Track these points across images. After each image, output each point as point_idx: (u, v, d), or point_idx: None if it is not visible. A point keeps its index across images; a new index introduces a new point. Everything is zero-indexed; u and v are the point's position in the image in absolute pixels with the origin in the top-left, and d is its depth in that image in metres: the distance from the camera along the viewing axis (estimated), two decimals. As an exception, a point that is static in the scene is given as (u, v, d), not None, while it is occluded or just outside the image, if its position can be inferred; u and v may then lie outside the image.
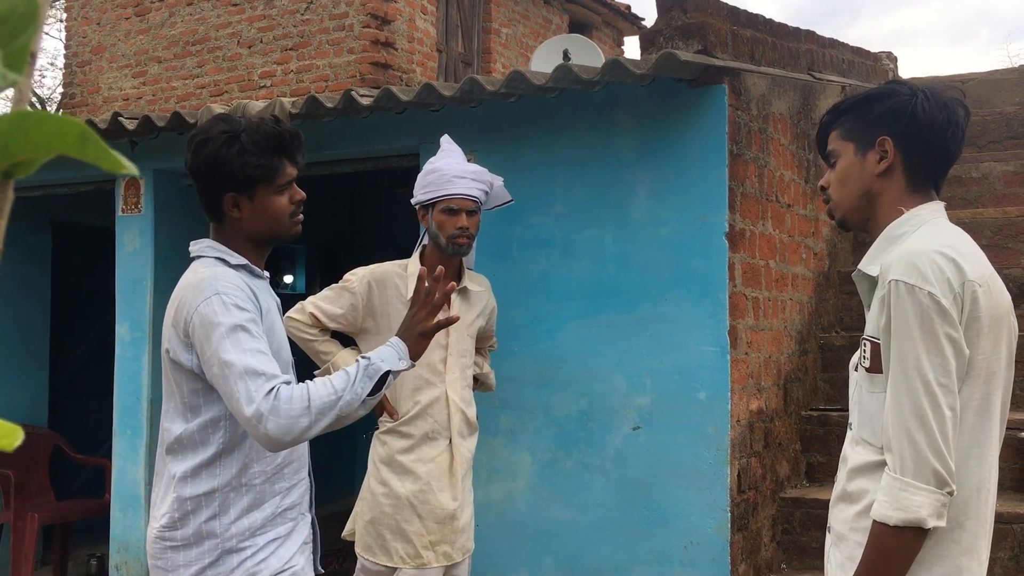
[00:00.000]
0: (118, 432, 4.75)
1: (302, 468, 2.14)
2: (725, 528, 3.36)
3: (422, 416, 3.03)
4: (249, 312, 1.95)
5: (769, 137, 3.92)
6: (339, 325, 3.08)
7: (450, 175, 3.04)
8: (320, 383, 1.91)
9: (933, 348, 1.60)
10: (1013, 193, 5.32)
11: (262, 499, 2.03)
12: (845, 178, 1.82)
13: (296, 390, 1.89)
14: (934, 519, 1.58)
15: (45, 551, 5.72)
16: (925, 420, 1.59)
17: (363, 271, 3.10)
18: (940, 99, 1.75)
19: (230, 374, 1.87)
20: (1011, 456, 3.86)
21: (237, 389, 1.86)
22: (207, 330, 1.91)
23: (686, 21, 3.50)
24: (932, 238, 1.69)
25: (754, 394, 3.69)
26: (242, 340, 1.90)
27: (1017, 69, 6.69)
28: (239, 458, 2.01)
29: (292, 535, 2.08)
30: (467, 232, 3.03)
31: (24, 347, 5.86)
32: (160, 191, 4.79)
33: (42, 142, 0.46)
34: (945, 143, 1.76)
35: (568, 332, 3.66)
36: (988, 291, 1.66)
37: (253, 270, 2.09)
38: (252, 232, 2.08)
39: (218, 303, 1.93)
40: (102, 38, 8.65)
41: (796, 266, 4.27)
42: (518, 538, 3.73)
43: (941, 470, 1.58)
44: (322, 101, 3.84)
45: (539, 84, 3.41)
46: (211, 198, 2.06)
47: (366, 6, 7.25)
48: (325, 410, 1.88)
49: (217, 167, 2.01)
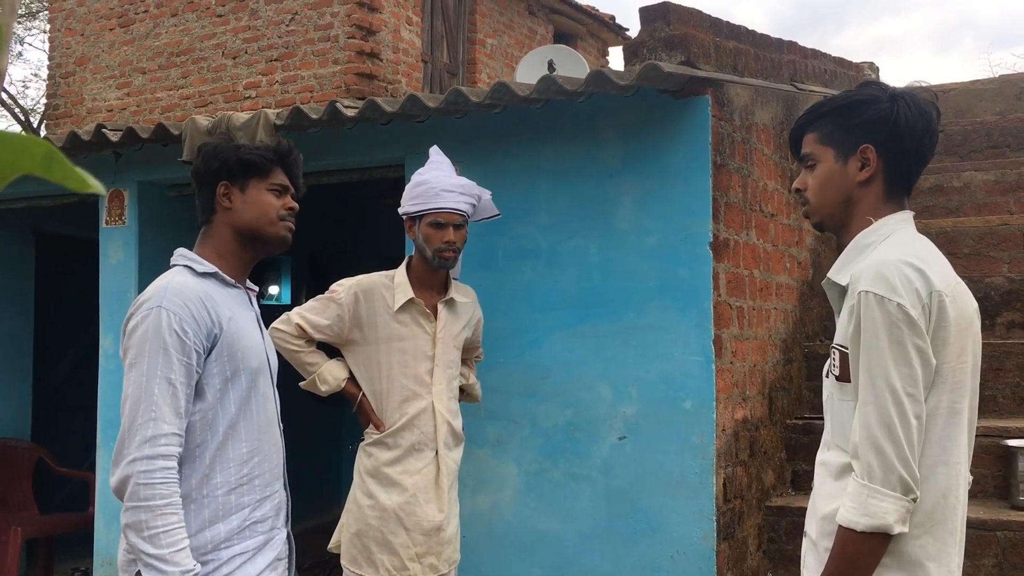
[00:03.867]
0: (102, 445, 4.72)
1: (275, 481, 2.10)
2: (711, 537, 3.37)
3: (408, 427, 3.02)
4: (181, 338, 1.94)
5: (752, 147, 3.94)
6: (325, 336, 3.08)
7: (438, 188, 3.04)
8: (167, 521, 1.87)
9: (901, 358, 1.62)
10: (994, 202, 5.36)
11: (227, 511, 1.99)
12: (825, 184, 1.83)
13: (161, 487, 1.87)
14: (899, 525, 1.62)
15: (29, 565, 5.67)
16: (892, 429, 1.62)
17: (350, 282, 3.10)
18: (919, 106, 1.76)
19: (133, 393, 1.94)
20: (994, 463, 3.88)
21: (127, 411, 1.92)
22: (133, 339, 1.96)
23: (669, 33, 3.52)
24: (900, 248, 1.71)
25: (739, 403, 3.70)
26: (156, 364, 1.92)
27: (998, 79, 6.75)
28: (198, 469, 1.97)
29: (263, 550, 2.04)
30: (454, 246, 3.03)
31: (7, 359, 5.82)
32: (144, 203, 4.77)
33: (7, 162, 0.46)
34: (923, 149, 1.78)
35: (553, 342, 3.66)
36: (954, 300, 1.69)
37: (224, 279, 2.08)
38: (241, 225, 2.09)
39: (153, 316, 1.94)
40: (86, 49, 8.62)
41: (780, 275, 4.29)
42: (505, 548, 3.72)
43: (907, 477, 1.61)
44: (307, 112, 3.84)
45: (523, 95, 3.42)
46: (206, 192, 2.11)
47: (351, 17, 7.26)
48: (137, 528, 1.87)
49: (214, 156, 2.10)
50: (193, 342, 1.95)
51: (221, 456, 1.98)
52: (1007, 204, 5.33)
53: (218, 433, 1.99)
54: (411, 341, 3.03)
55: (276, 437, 2.12)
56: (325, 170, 4.38)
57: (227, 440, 2.00)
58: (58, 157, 0.47)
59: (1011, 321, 4.65)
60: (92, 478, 4.93)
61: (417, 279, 3.09)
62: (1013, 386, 4.32)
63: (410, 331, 3.02)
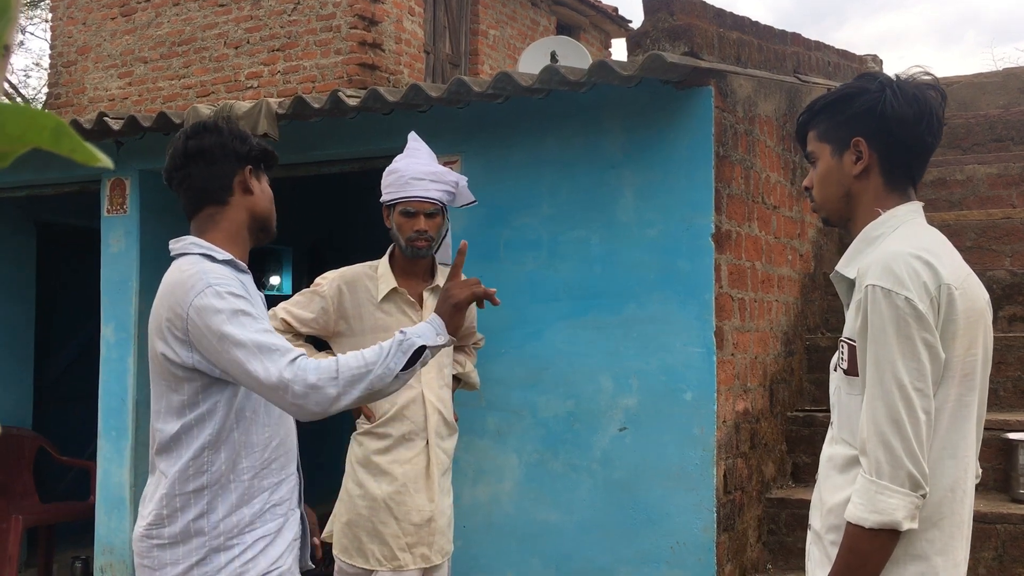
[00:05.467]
0: (103, 434, 4.73)
1: (290, 463, 2.12)
2: (711, 528, 3.37)
3: (399, 417, 3.01)
4: (246, 299, 1.95)
5: (755, 139, 3.94)
6: (311, 329, 3.07)
7: (408, 176, 2.99)
8: (351, 355, 1.91)
9: (909, 353, 1.61)
10: (996, 195, 5.36)
11: (251, 495, 2.01)
12: (824, 180, 1.83)
13: (323, 361, 1.88)
14: (908, 521, 1.60)
15: (30, 553, 5.68)
16: (900, 424, 1.60)
17: (333, 274, 3.10)
18: (908, 92, 1.73)
19: (244, 354, 1.85)
20: (994, 456, 3.88)
21: (253, 366, 1.84)
22: (207, 321, 1.89)
23: (673, 23, 3.51)
24: (908, 241, 1.69)
25: (740, 395, 3.70)
26: (246, 323, 1.89)
27: (1001, 72, 6.74)
28: (229, 452, 1.99)
29: (282, 532, 2.06)
30: (425, 235, 2.99)
31: (8, 349, 5.83)
32: (146, 191, 4.77)
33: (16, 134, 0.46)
34: (919, 135, 1.74)
35: (555, 333, 3.66)
36: (964, 293, 1.67)
37: (239, 265, 2.08)
38: (258, 212, 2.11)
39: (213, 294, 1.91)
40: (88, 38, 8.61)
41: (782, 267, 4.29)
42: (504, 539, 3.73)
43: (916, 473, 1.60)
44: (309, 102, 3.83)
45: (526, 85, 3.41)
46: (224, 171, 2.07)
47: (353, 7, 7.24)
48: (354, 381, 1.87)
49: (242, 137, 2.10)
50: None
51: (247, 441, 2.00)
52: (1010, 197, 5.33)
53: (244, 418, 2.01)
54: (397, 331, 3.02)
55: (290, 420, 2.13)
56: (327, 160, 4.37)
57: (251, 425, 2.02)
58: (67, 130, 0.47)
59: (1013, 315, 4.65)
60: (93, 467, 4.94)
61: (400, 268, 3.07)
62: (1014, 379, 4.32)
63: (395, 321, 3.00)
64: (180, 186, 2.10)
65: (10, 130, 0.46)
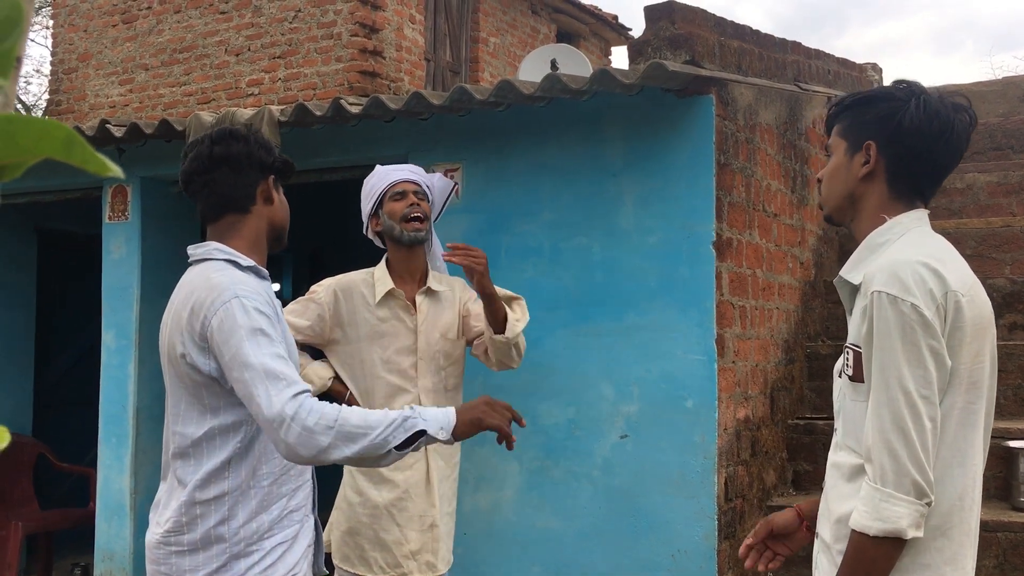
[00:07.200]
0: (103, 441, 4.72)
1: (306, 469, 2.11)
2: (712, 536, 3.37)
3: None
4: (269, 317, 1.93)
5: (756, 147, 3.94)
6: (307, 337, 3.07)
7: (384, 171, 3.09)
8: (356, 410, 1.86)
9: (915, 360, 1.60)
10: (996, 204, 5.37)
11: (269, 502, 2.00)
12: (832, 175, 1.83)
13: (326, 406, 1.84)
14: (913, 529, 1.59)
15: (29, 560, 5.67)
16: (906, 432, 1.59)
17: (328, 282, 3.09)
18: (933, 107, 1.71)
19: (251, 377, 1.84)
20: (995, 464, 3.88)
21: (258, 392, 1.82)
22: (227, 334, 1.88)
23: (674, 32, 3.52)
24: (914, 248, 1.69)
25: (741, 402, 3.70)
26: (262, 344, 1.87)
27: (1000, 81, 6.75)
28: (251, 460, 1.98)
29: (298, 538, 2.05)
30: (419, 209, 3.00)
31: (8, 355, 5.82)
32: (147, 198, 4.77)
33: (28, 145, 0.46)
34: (933, 152, 1.73)
35: (556, 341, 3.66)
36: (971, 300, 1.66)
37: (261, 272, 2.08)
38: (277, 222, 2.12)
39: (238, 307, 1.90)
40: (89, 45, 8.62)
41: (782, 275, 4.29)
42: (506, 546, 3.72)
43: (921, 481, 1.59)
44: (311, 109, 3.84)
45: (528, 93, 3.42)
46: (248, 179, 2.07)
47: (354, 15, 7.25)
48: (349, 438, 1.82)
49: (267, 147, 2.11)
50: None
51: (267, 448, 1.99)
52: (1010, 206, 5.33)
53: None
54: (392, 337, 3.01)
55: None
56: (328, 167, 4.38)
57: None
58: (78, 140, 0.47)
59: (1013, 323, 4.65)
60: (93, 474, 4.93)
61: (396, 273, 3.08)
62: (1015, 387, 4.32)
63: (391, 326, 3.00)
64: (201, 191, 2.07)
65: (21, 141, 0.46)
